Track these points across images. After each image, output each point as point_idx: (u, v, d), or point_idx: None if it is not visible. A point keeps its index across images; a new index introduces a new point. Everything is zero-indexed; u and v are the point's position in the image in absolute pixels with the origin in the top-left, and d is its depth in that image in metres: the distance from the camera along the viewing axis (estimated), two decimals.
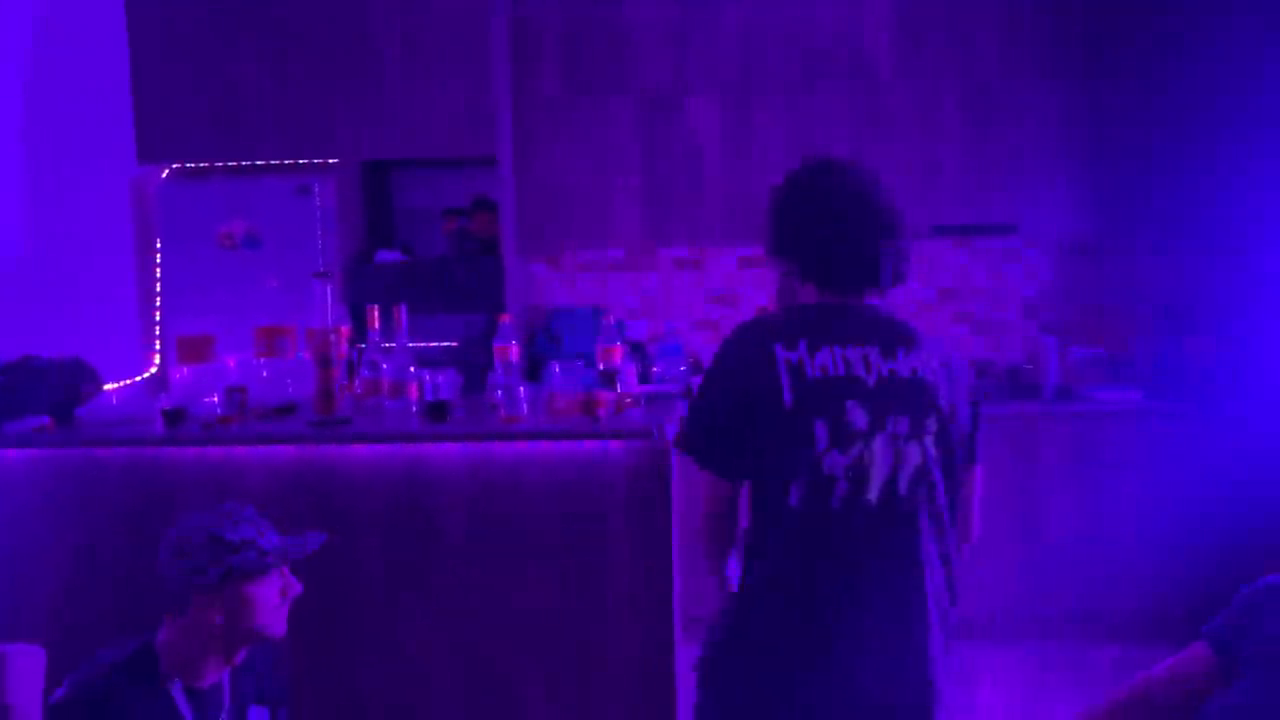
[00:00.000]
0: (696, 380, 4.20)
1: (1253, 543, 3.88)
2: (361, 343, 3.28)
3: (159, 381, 4.14)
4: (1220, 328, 4.20)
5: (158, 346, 4.21)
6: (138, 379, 4.06)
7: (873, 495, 1.67)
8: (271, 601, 1.97)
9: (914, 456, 1.70)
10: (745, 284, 4.66)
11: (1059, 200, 4.22)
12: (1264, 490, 3.88)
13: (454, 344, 4.23)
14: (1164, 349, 4.18)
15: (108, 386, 3.33)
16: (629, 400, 3.11)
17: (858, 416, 1.69)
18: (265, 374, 3.27)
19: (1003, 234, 4.38)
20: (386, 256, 4.30)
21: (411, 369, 3.11)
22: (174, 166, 4.25)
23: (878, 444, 1.68)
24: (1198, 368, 4.13)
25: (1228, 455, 3.90)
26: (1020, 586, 4.00)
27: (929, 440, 1.71)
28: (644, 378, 4.36)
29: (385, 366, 3.13)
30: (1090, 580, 3.98)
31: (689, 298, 4.69)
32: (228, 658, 1.98)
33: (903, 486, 1.69)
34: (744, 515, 1.81)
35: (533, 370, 4.35)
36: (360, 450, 2.93)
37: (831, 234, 1.80)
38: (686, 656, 3.15)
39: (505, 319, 3.28)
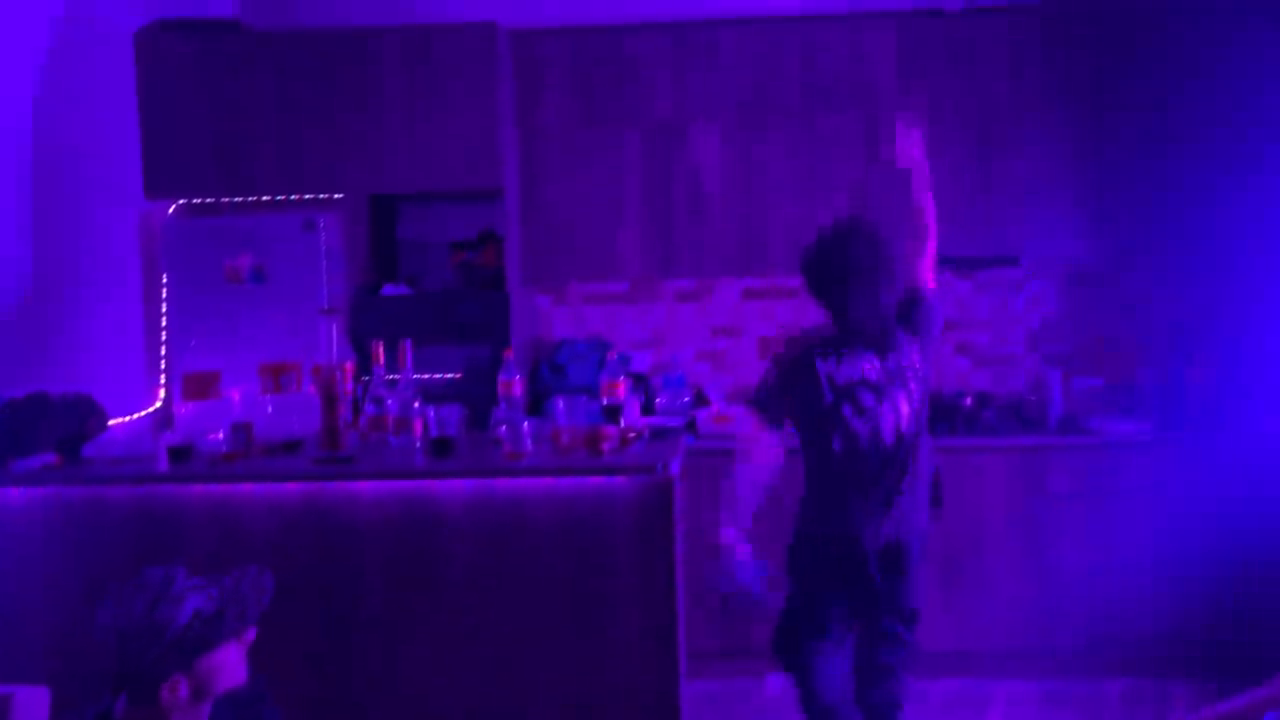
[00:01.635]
0: (700, 412, 4.22)
1: (1262, 573, 3.86)
2: (366, 376, 3.29)
3: (163, 417, 4.15)
4: (1225, 356, 4.20)
5: (163, 381, 4.23)
6: (142, 414, 4.07)
7: (888, 439, 2.78)
8: (235, 659, 1.87)
9: (905, 408, 2.79)
10: (749, 316, 4.67)
11: (1062, 231, 4.23)
12: (1271, 520, 3.86)
13: (457, 376, 4.24)
14: (1168, 379, 4.18)
15: (113, 422, 3.35)
16: (633, 435, 3.12)
17: (868, 399, 2.79)
18: (270, 410, 3.29)
19: (1005, 265, 4.39)
20: (392, 290, 4.32)
21: (416, 404, 3.12)
22: (180, 202, 4.28)
23: (883, 410, 2.78)
24: (1202, 397, 4.13)
25: (1234, 485, 3.89)
26: (1029, 619, 3.97)
27: (915, 396, 2.82)
28: (647, 409, 4.37)
29: (390, 402, 3.14)
30: (1099, 612, 3.96)
31: (692, 330, 4.70)
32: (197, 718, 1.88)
33: (905, 427, 2.79)
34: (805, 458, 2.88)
35: (536, 402, 4.36)
36: (365, 487, 2.94)
37: (835, 292, 2.81)
38: (692, 691, 3.15)
39: (509, 354, 3.30)
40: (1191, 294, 4.40)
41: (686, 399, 4.44)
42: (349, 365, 3.12)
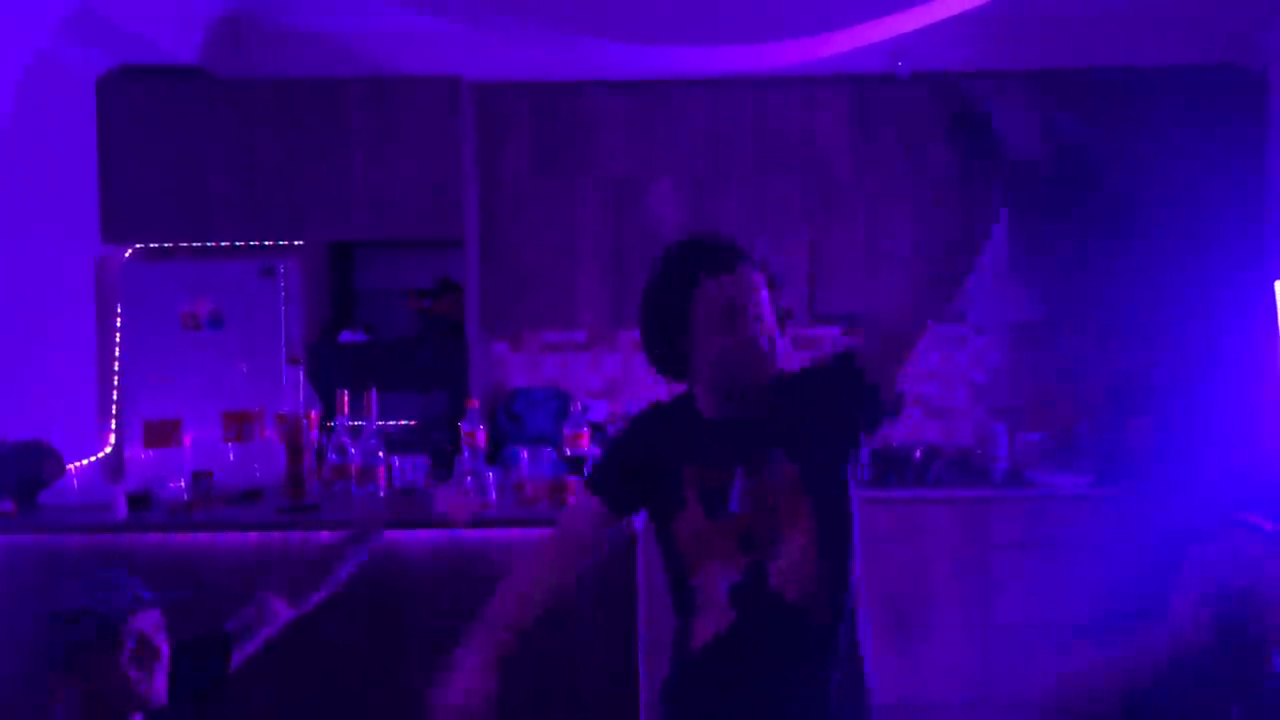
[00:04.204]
0: None
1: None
2: (330, 422, 3.29)
3: (114, 462, 4.09)
4: (1157, 414, 4.37)
5: (113, 426, 4.17)
6: (93, 459, 4.01)
7: None
8: (130, 668, 1.85)
9: None
10: None
11: (1003, 291, 4.40)
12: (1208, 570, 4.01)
13: (414, 422, 4.25)
14: (1108, 432, 4.34)
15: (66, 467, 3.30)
16: None
17: None
18: (231, 457, 3.28)
19: (951, 321, 4.54)
20: (350, 337, 4.33)
21: (380, 454, 3.14)
22: (137, 246, 4.25)
23: None
24: (1141, 450, 4.29)
25: (1173, 536, 4.03)
26: (973, 672, 4.06)
27: None
28: None
29: (353, 451, 3.15)
30: (1043, 664, 4.06)
31: (649, 379, 4.76)
32: None
33: None
34: None
35: (493, 450, 4.38)
36: (328, 537, 2.93)
37: None
38: None
39: (473, 404, 3.33)
40: (1127, 355, 4.59)
41: None
42: (314, 413, 3.13)
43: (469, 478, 3.01)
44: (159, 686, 1.89)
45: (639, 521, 2.93)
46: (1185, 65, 4.36)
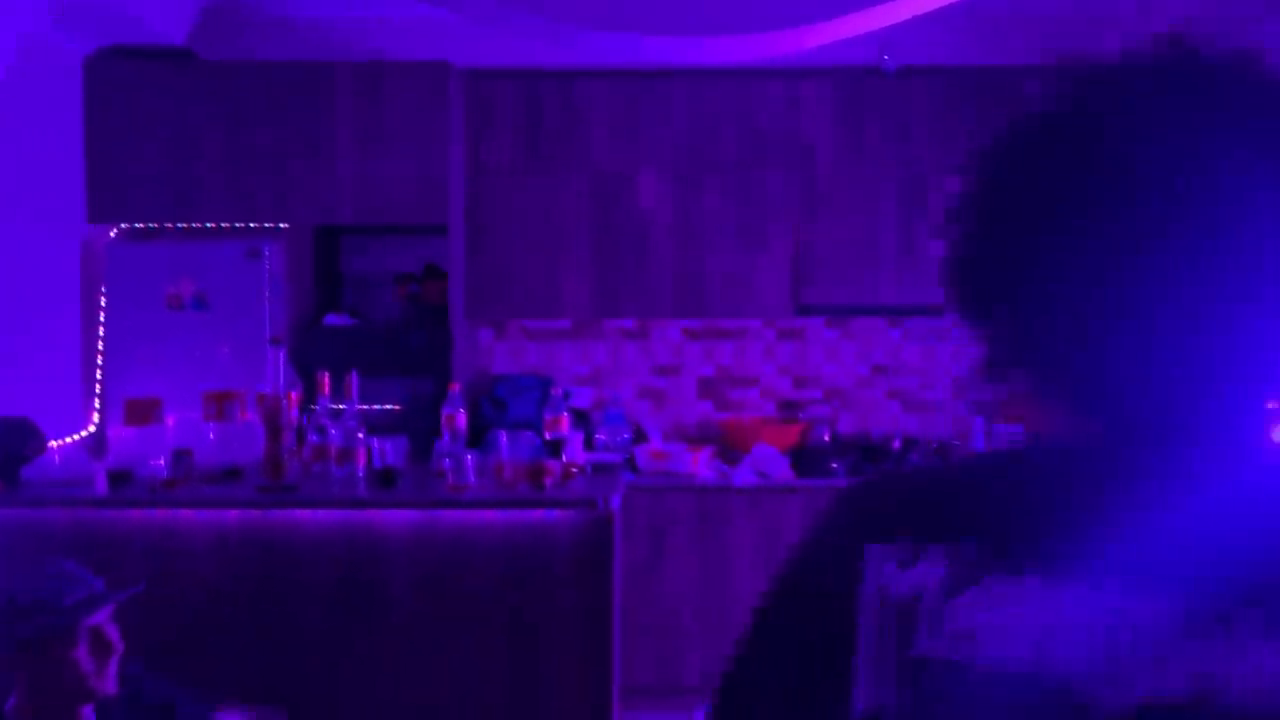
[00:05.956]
0: (640, 449, 4.30)
1: None
2: (312, 405, 3.32)
3: (96, 440, 4.11)
4: None
5: (97, 405, 4.19)
6: (75, 437, 4.03)
7: None
8: (84, 662, 1.88)
9: None
10: (689, 355, 4.79)
11: None
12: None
13: (397, 407, 4.27)
14: None
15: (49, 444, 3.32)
16: (574, 469, 3.20)
17: None
18: (212, 436, 3.30)
19: (932, 315, 4.57)
20: (335, 320, 4.35)
21: (360, 435, 3.16)
22: (122, 226, 4.26)
23: None
24: None
25: None
26: None
27: None
28: (587, 445, 4.45)
29: (333, 432, 3.17)
30: None
31: (634, 368, 4.80)
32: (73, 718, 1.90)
33: None
34: None
35: (476, 435, 4.40)
36: (308, 516, 2.96)
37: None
38: None
39: (454, 388, 3.36)
40: None
41: (626, 436, 4.52)
42: (294, 394, 3.15)
43: (447, 459, 3.04)
44: (110, 677, 1.92)
45: (615, 502, 2.96)
46: None
